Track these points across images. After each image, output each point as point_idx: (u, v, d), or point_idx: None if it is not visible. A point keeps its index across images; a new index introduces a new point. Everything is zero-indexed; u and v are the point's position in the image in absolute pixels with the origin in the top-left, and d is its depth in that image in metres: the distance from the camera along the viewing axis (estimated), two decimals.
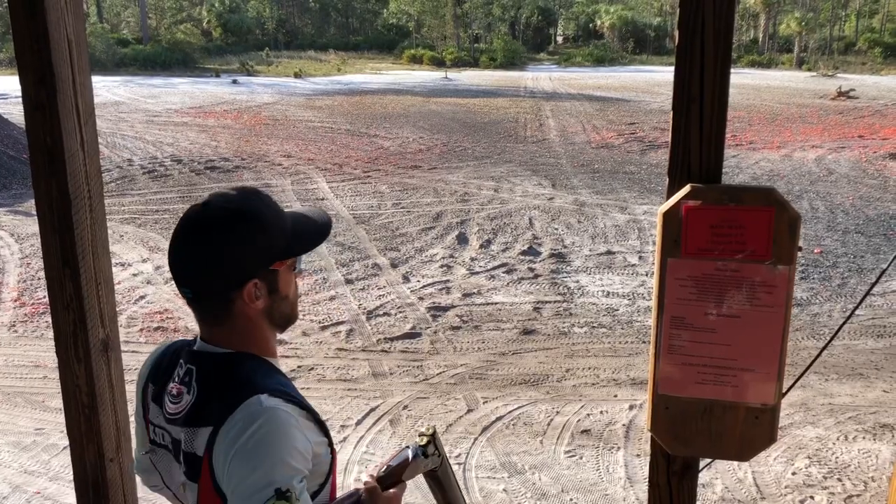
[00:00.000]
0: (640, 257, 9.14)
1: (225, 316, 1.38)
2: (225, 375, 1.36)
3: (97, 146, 1.95)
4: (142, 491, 1.77)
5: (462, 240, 9.85)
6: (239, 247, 1.34)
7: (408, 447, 1.63)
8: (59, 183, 1.84)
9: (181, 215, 1.40)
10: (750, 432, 1.64)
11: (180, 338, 1.52)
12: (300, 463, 1.28)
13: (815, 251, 9.32)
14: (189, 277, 1.36)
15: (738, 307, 1.57)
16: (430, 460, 1.63)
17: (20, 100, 1.86)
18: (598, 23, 60.26)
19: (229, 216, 1.34)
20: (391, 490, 1.53)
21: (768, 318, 1.57)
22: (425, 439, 1.63)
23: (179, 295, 1.41)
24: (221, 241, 1.32)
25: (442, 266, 8.84)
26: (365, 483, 1.55)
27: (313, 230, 1.47)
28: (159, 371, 1.49)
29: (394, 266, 8.83)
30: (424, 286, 8.18)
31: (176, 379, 1.41)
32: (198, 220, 1.35)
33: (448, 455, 4.80)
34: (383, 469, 1.59)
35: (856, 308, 2.34)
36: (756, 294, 1.56)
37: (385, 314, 7.40)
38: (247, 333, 1.40)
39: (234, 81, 33.48)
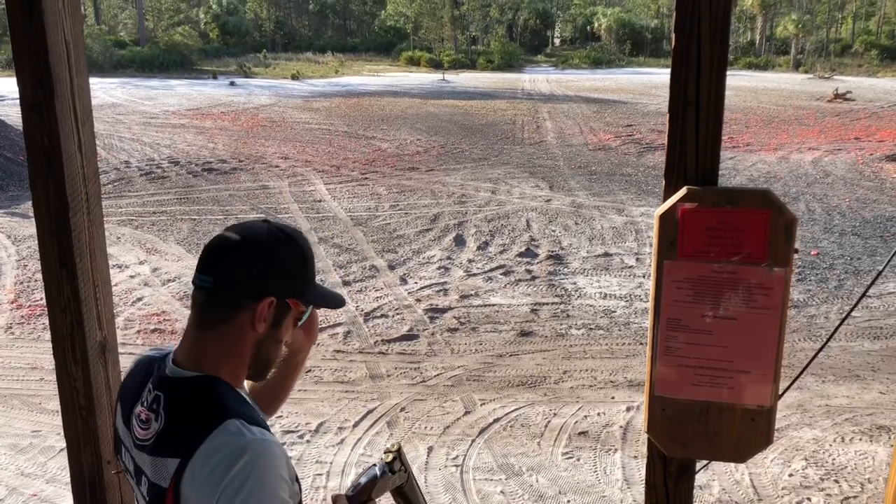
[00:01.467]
0: (638, 259, 9.15)
1: (222, 321, 1.36)
2: (193, 399, 1.33)
3: (95, 148, 1.95)
4: None
5: (459, 242, 9.85)
6: (278, 264, 1.38)
7: (374, 465, 1.64)
8: (57, 185, 1.84)
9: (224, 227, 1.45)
10: (746, 434, 1.65)
11: (177, 342, 1.49)
12: (289, 500, 1.28)
13: (812, 253, 9.34)
14: (218, 267, 1.37)
15: (734, 309, 1.58)
16: (398, 476, 1.65)
17: (18, 101, 1.86)
18: (596, 25, 60.36)
19: (283, 236, 1.41)
20: None
21: (764, 320, 1.57)
22: (391, 456, 1.65)
23: (193, 283, 1.42)
24: (268, 251, 1.38)
25: (439, 268, 8.84)
26: (337, 495, 1.56)
27: (330, 296, 1.53)
28: (127, 392, 1.46)
29: (391, 268, 8.83)
30: (422, 288, 8.18)
31: (144, 403, 1.38)
32: (255, 227, 1.41)
33: (445, 459, 4.80)
34: (351, 489, 1.60)
35: (851, 310, 2.35)
36: (752, 296, 1.56)
37: (382, 316, 7.40)
38: (228, 351, 1.38)
39: (232, 83, 33.47)
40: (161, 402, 1.34)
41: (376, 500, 1.61)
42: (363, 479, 1.62)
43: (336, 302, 1.52)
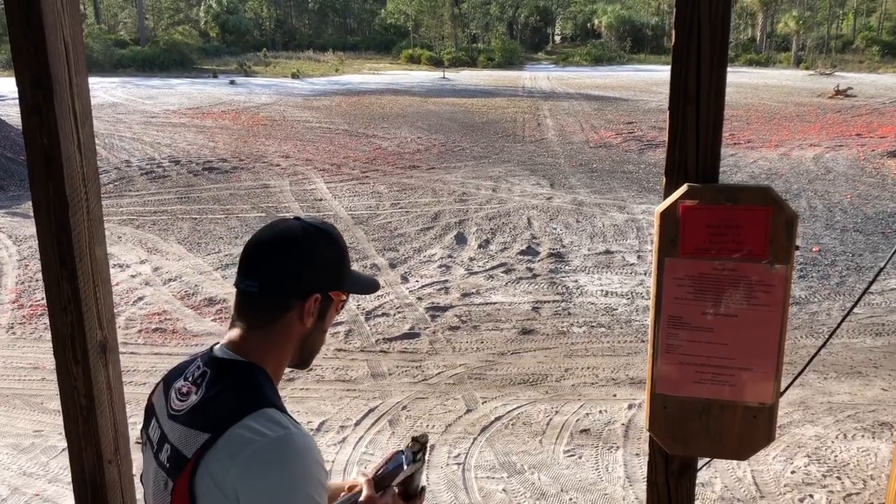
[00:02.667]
0: (639, 256, 9.15)
1: (271, 321, 1.43)
2: (234, 380, 1.40)
3: (94, 148, 1.95)
4: (140, 493, 1.77)
5: (460, 240, 9.85)
6: (318, 261, 1.46)
7: (401, 452, 1.65)
8: (57, 185, 1.83)
9: (268, 223, 1.51)
10: (748, 431, 1.65)
11: (178, 341, 1.53)
12: (322, 497, 1.34)
13: (814, 250, 9.33)
14: (262, 272, 1.43)
15: (735, 306, 1.57)
16: (416, 465, 1.66)
17: (18, 101, 1.86)
18: (596, 22, 60.31)
19: (320, 234, 1.48)
20: (386, 500, 1.59)
21: (765, 317, 1.57)
22: (418, 446, 1.66)
23: (237, 287, 1.48)
24: (307, 250, 1.45)
25: (440, 266, 8.84)
26: (366, 480, 1.59)
27: (367, 281, 1.62)
28: (174, 372, 1.53)
29: (392, 266, 8.82)
30: (423, 286, 8.18)
31: (189, 378, 1.45)
32: (291, 227, 1.47)
33: (447, 457, 4.79)
34: (379, 471, 1.62)
35: (853, 307, 2.34)
36: (753, 293, 1.56)
37: (384, 314, 7.40)
38: (276, 348, 1.45)
39: (232, 82, 33.46)
40: (206, 378, 1.41)
41: (393, 485, 1.63)
42: (391, 466, 1.63)
43: (372, 286, 1.62)
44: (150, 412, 1.51)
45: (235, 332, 1.46)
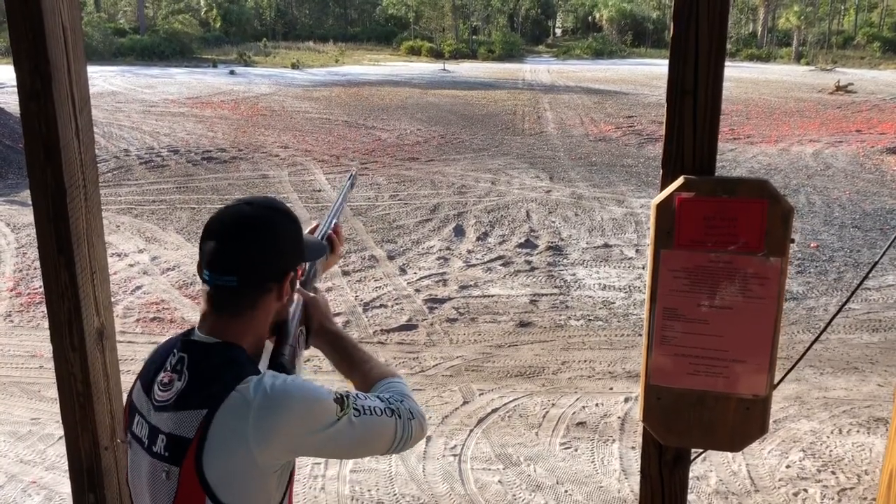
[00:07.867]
0: (637, 250, 9.15)
1: (249, 307, 1.44)
2: (217, 360, 1.41)
3: (92, 135, 1.95)
4: None
5: (459, 232, 9.85)
6: (285, 242, 1.47)
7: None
8: (55, 172, 1.84)
9: (219, 211, 1.48)
10: (741, 423, 1.65)
11: (176, 330, 1.55)
12: (328, 393, 1.42)
13: (812, 245, 9.34)
14: (239, 265, 1.41)
15: (730, 299, 1.58)
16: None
17: (17, 89, 1.86)
18: (597, 15, 60.15)
19: (276, 214, 1.47)
20: (322, 296, 1.72)
21: (760, 309, 1.57)
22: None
23: (209, 283, 1.45)
24: (273, 233, 1.44)
25: (439, 258, 8.84)
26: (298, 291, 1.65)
27: (316, 246, 1.68)
28: (151, 365, 1.52)
29: (390, 258, 8.82)
30: (421, 278, 8.19)
31: (168, 368, 1.44)
32: (249, 216, 1.45)
33: (444, 448, 4.79)
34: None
35: (848, 299, 2.35)
36: (748, 286, 1.56)
37: (381, 306, 7.41)
38: (255, 329, 1.47)
39: (232, 72, 33.35)
40: (185, 363, 1.42)
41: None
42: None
43: (321, 249, 1.71)
44: (131, 411, 1.50)
45: (211, 318, 1.45)
